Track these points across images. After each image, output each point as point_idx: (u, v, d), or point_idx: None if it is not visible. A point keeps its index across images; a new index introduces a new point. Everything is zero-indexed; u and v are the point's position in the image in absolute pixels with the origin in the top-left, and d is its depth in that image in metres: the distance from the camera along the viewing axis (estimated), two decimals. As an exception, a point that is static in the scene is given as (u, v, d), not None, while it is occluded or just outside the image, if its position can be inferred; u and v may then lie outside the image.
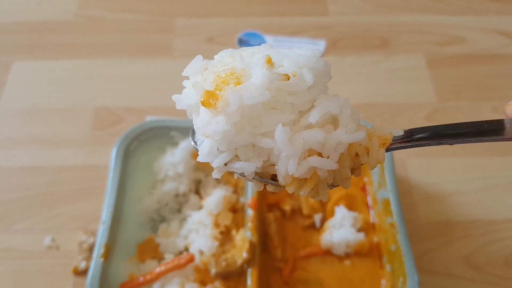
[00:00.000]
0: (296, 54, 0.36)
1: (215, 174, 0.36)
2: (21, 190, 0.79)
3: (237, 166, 0.35)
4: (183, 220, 0.70)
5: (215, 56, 0.39)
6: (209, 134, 0.34)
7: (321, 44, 0.99)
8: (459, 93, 0.92)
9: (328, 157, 0.35)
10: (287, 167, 0.34)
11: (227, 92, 0.33)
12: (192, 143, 0.39)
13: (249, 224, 0.65)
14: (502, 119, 0.38)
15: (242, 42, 1.00)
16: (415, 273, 0.60)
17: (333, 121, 0.37)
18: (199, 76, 0.37)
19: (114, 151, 0.70)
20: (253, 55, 0.37)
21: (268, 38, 1.01)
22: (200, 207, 0.71)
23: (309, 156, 0.35)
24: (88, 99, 0.91)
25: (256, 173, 0.37)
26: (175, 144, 0.74)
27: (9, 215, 0.76)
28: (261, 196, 0.71)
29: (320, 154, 0.35)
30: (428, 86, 0.93)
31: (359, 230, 0.69)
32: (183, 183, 0.72)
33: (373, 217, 0.71)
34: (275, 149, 0.34)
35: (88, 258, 0.71)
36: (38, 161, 0.82)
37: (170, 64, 0.96)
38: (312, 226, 0.71)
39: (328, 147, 0.35)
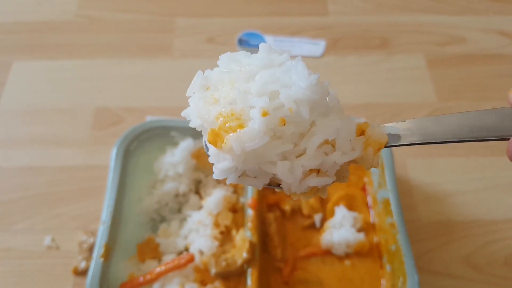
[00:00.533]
0: (292, 84, 0.36)
1: (229, 181, 0.39)
2: (21, 190, 0.79)
3: (248, 182, 0.39)
4: (183, 220, 0.70)
5: (215, 69, 0.40)
6: (219, 169, 0.38)
7: (321, 44, 0.99)
8: (459, 93, 0.92)
9: (326, 172, 0.38)
10: (289, 188, 0.38)
11: (229, 141, 0.35)
12: (204, 145, 0.41)
13: (249, 224, 0.65)
14: (503, 108, 0.37)
15: (242, 42, 1.00)
16: (415, 273, 0.60)
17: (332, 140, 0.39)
18: (201, 100, 0.38)
19: (114, 151, 0.70)
20: (252, 77, 0.37)
21: (268, 38, 1.01)
22: (200, 207, 0.71)
23: (309, 173, 0.38)
24: (88, 99, 0.91)
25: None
26: (175, 144, 0.74)
27: (9, 215, 0.76)
28: (261, 196, 0.71)
29: (319, 170, 0.38)
30: (428, 86, 0.93)
31: (359, 230, 0.69)
32: (183, 183, 0.72)
33: (373, 217, 0.71)
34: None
35: (88, 258, 0.71)
36: (38, 161, 0.82)
37: (170, 64, 0.96)
38: (312, 226, 0.71)
39: (326, 166, 0.37)
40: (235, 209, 0.70)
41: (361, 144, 0.39)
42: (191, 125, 0.39)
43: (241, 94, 0.36)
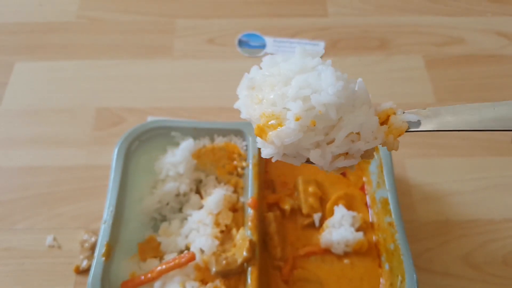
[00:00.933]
0: (321, 89, 0.43)
1: (274, 159, 0.46)
2: (22, 190, 0.79)
3: (289, 160, 0.46)
4: (183, 219, 0.71)
5: (260, 72, 0.47)
6: (265, 153, 0.46)
7: (320, 45, 1.00)
8: (457, 94, 0.92)
9: (353, 154, 0.45)
10: (322, 167, 0.46)
11: (271, 136, 0.43)
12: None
13: (249, 224, 0.66)
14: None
15: (242, 43, 1.01)
16: (414, 272, 0.60)
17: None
18: (248, 98, 0.46)
19: (115, 151, 0.70)
20: (289, 81, 0.44)
21: (268, 40, 1.01)
22: (200, 207, 0.71)
23: (338, 156, 0.44)
24: (89, 100, 0.91)
25: None
26: (176, 144, 0.75)
27: (10, 214, 0.77)
28: (261, 196, 0.71)
29: (347, 153, 0.45)
30: (427, 86, 0.93)
31: (358, 229, 0.70)
32: (184, 183, 0.72)
33: (372, 216, 0.72)
34: None
35: (90, 257, 0.71)
36: (39, 161, 0.83)
37: (170, 65, 0.97)
38: (312, 226, 0.72)
39: (352, 151, 0.44)
40: (235, 209, 0.70)
41: (382, 133, 0.45)
42: (242, 116, 0.47)
43: (280, 97, 0.44)
